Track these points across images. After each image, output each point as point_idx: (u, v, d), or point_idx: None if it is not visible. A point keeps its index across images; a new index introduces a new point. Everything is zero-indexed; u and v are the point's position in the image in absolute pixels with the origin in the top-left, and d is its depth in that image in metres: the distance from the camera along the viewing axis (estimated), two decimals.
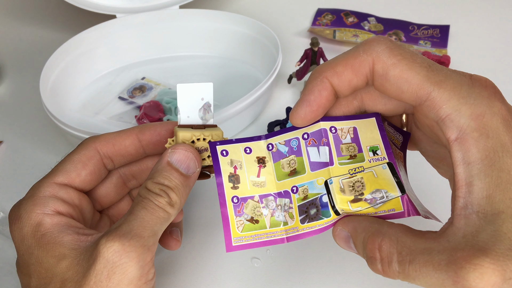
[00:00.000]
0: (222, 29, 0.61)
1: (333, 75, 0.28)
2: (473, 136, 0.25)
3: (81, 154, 0.33)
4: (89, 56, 0.58)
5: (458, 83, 0.26)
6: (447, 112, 0.25)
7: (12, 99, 0.59)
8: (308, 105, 0.29)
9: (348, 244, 0.29)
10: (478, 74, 0.26)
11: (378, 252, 0.26)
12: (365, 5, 0.71)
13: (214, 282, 0.40)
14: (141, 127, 0.34)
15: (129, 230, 0.28)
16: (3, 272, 0.40)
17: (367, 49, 0.27)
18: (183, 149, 0.31)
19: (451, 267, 0.23)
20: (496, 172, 0.24)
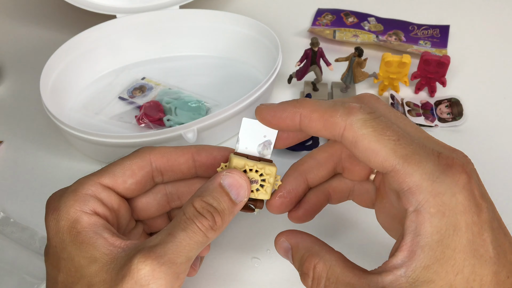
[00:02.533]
0: (222, 29, 0.61)
1: (306, 117, 0.29)
2: (430, 212, 0.26)
3: (133, 161, 0.33)
4: (89, 56, 0.58)
5: (424, 158, 0.27)
6: (409, 186, 0.27)
7: (12, 99, 0.59)
8: (271, 115, 0.30)
9: (286, 255, 0.32)
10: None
11: (312, 271, 0.29)
12: (365, 5, 0.71)
13: (214, 282, 0.40)
14: (198, 147, 0.34)
15: (163, 254, 0.28)
16: (3, 272, 0.40)
17: (344, 114, 0.28)
18: (237, 175, 0.31)
19: None
20: (441, 247, 0.26)
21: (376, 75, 0.55)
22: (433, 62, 0.54)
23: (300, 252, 0.30)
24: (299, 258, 0.30)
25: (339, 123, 0.28)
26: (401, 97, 0.56)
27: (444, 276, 0.26)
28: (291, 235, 0.32)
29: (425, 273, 0.26)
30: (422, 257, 0.26)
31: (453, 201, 0.26)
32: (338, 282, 0.28)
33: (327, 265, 0.29)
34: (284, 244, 0.32)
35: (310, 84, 0.57)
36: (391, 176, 0.27)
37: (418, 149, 0.27)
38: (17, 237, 0.42)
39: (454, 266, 0.26)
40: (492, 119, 0.54)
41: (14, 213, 0.45)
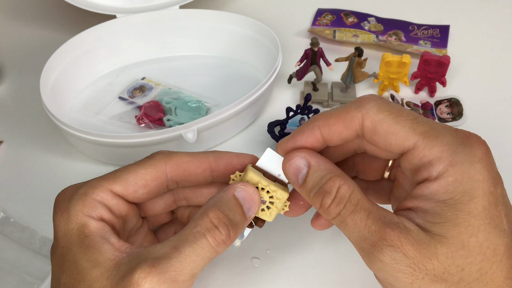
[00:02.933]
0: (222, 29, 0.61)
1: (324, 126, 0.30)
2: (447, 180, 0.27)
3: (147, 171, 0.32)
4: (89, 56, 0.58)
5: (442, 133, 0.28)
6: (429, 159, 0.28)
7: (12, 99, 0.59)
8: (293, 142, 0.31)
9: (296, 173, 0.30)
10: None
11: (335, 190, 0.29)
12: (365, 5, 0.71)
13: (214, 282, 0.40)
14: (216, 156, 0.33)
15: (165, 270, 0.27)
16: (3, 272, 0.40)
17: (358, 106, 0.29)
18: (251, 190, 0.31)
19: (378, 234, 0.27)
20: (453, 211, 0.26)
21: (376, 75, 0.55)
22: (433, 62, 0.54)
23: (321, 172, 0.30)
24: (319, 177, 0.29)
25: (356, 115, 0.29)
26: (401, 97, 0.56)
27: (456, 235, 0.26)
28: (311, 155, 0.31)
29: (437, 228, 0.26)
30: (434, 216, 0.27)
31: (472, 170, 0.27)
32: (359, 205, 0.28)
33: (351, 188, 0.29)
34: (300, 161, 0.30)
35: (310, 84, 0.57)
36: (412, 153, 0.28)
37: (434, 125, 0.29)
38: (17, 237, 0.42)
39: (468, 228, 0.26)
40: (492, 119, 0.54)
41: (14, 213, 0.45)
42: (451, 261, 0.26)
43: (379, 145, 0.29)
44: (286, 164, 0.31)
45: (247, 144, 0.52)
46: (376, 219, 0.27)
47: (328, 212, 0.29)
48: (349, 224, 0.28)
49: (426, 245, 0.26)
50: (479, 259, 0.26)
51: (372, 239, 0.27)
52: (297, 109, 0.48)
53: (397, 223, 0.27)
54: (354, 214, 0.28)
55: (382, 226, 0.27)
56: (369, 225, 0.27)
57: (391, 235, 0.26)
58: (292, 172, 0.31)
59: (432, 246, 0.26)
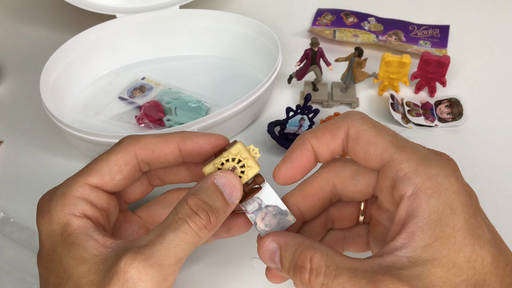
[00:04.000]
0: (222, 29, 0.61)
1: (313, 138, 0.32)
2: (426, 194, 0.27)
3: (118, 156, 0.32)
4: (89, 56, 0.58)
5: (417, 149, 0.29)
6: (405, 171, 0.28)
7: (12, 99, 0.59)
8: (290, 161, 0.32)
9: (272, 258, 0.30)
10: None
11: (309, 263, 0.28)
12: (365, 5, 0.71)
13: (214, 282, 0.40)
14: (183, 135, 0.34)
15: (151, 255, 0.27)
16: (3, 272, 0.40)
17: (344, 117, 0.31)
18: (230, 176, 0.31)
19: (369, 286, 0.26)
20: (440, 226, 0.26)
21: (376, 75, 0.55)
22: (433, 62, 0.54)
23: (291, 248, 0.29)
24: (291, 254, 0.29)
25: (342, 125, 0.31)
26: (401, 97, 0.56)
27: (446, 254, 0.26)
28: (278, 235, 0.31)
29: (426, 252, 0.26)
30: (421, 237, 0.26)
31: (447, 182, 0.27)
32: (339, 268, 0.27)
33: (324, 255, 0.28)
34: (270, 245, 0.31)
35: (310, 84, 0.57)
36: (388, 166, 0.29)
37: (410, 143, 0.30)
38: (17, 237, 0.42)
39: (455, 244, 0.26)
40: (492, 119, 0.54)
41: (14, 213, 0.45)
42: (447, 284, 0.25)
43: (359, 155, 0.30)
44: (261, 253, 0.31)
45: (247, 144, 0.51)
46: (363, 273, 0.26)
47: (311, 286, 0.28)
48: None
49: (420, 277, 0.25)
50: (471, 274, 0.26)
51: None
52: (297, 109, 0.48)
53: (386, 266, 0.26)
54: (338, 279, 0.27)
55: (372, 275, 0.26)
56: (358, 282, 0.26)
57: (384, 281, 0.25)
58: (268, 257, 0.31)
59: (426, 275, 0.26)
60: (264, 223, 0.33)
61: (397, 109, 0.54)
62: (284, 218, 0.33)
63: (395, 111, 0.53)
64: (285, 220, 0.33)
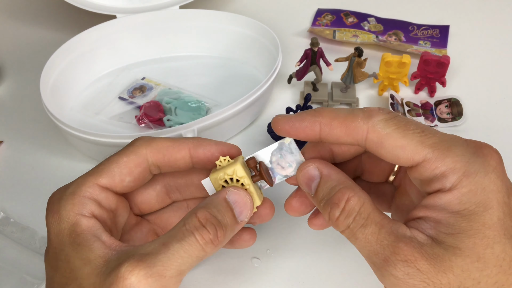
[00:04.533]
0: (222, 29, 0.61)
1: (326, 125, 0.29)
2: (461, 192, 0.27)
3: (129, 158, 0.32)
4: (89, 56, 0.58)
5: (453, 144, 0.28)
6: (441, 170, 0.27)
7: (12, 99, 0.59)
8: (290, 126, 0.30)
9: (309, 183, 0.30)
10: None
11: (344, 202, 0.28)
12: (365, 5, 0.71)
13: (214, 282, 0.40)
14: (195, 142, 0.33)
15: (153, 265, 0.27)
16: (3, 272, 0.40)
17: (365, 117, 0.29)
18: (243, 193, 0.31)
19: (390, 249, 0.26)
20: (468, 222, 0.26)
21: (376, 75, 0.55)
22: (433, 62, 0.54)
23: (332, 182, 0.29)
24: (329, 188, 0.29)
25: (361, 127, 0.28)
26: (401, 97, 0.56)
27: (471, 247, 0.25)
28: (323, 165, 0.30)
29: (451, 240, 0.26)
30: (447, 226, 0.26)
31: (486, 180, 0.26)
32: (369, 219, 0.27)
33: (361, 201, 0.28)
34: (313, 172, 0.30)
35: (310, 84, 0.57)
36: (423, 166, 0.27)
37: (443, 137, 0.28)
38: (17, 237, 0.42)
39: (483, 240, 0.26)
40: (492, 119, 0.54)
41: (14, 213, 0.45)
42: (467, 274, 0.25)
43: (386, 158, 0.29)
44: (299, 174, 0.31)
45: (247, 144, 0.52)
46: (388, 233, 0.27)
47: (337, 224, 0.29)
48: (360, 238, 0.28)
49: (440, 259, 0.25)
50: (495, 271, 0.25)
51: (384, 253, 0.26)
52: (297, 109, 0.48)
53: (410, 237, 0.26)
54: (364, 228, 0.27)
55: (395, 240, 0.26)
56: (381, 240, 0.27)
57: (404, 250, 0.26)
58: (305, 182, 0.31)
59: (447, 259, 0.25)
60: (286, 166, 0.32)
61: (397, 109, 0.54)
62: (287, 147, 0.32)
63: (395, 111, 0.53)
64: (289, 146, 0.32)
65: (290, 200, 0.33)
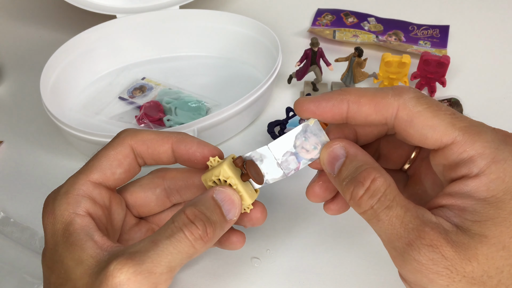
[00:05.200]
0: (222, 29, 0.61)
1: (354, 103, 0.29)
2: (489, 178, 0.26)
3: (117, 150, 0.33)
4: (89, 56, 0.58)
5: (483, 130, 0.27)
6: (470, 154, 0.26)
7: (12, 99, 0.59)
8: (316, 106, 0.30)
9: (333, 162, 0.30)
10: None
11: (369, 182, 0.27)
12: (365, 5, 0.71)
13: (214, 282, 0.40)
14: (179, 137, 0.33)
15: (142, 262, 0.27)
16: (3, 272, 0.40)
17: (396, 94, 0.28)
18: (230, 192, 0.31)
19: (415, 233, 0.26)
20: (495, 209, 0.26)
21: (376, 75, 0.55)
22: (433, 62, 0.54)
23: (358, 162, 0.29)
24: (354, 167, 0.28)
25: (392, 103, 0.28)
26: None
27: (498, 235, 0.25)
28: (350, 144, 0.30)
29: (477, 227, 0.25)
30: (474, 214, 0.26)
31: None
32: (395, 201, 0.27)
33: (387, 182, 0.27)
34: (339, 151, 0.30)
35: (310, 84, 0.57)
36: (450, 148, 0.27)
37: (474, 122, 0.28)
38: (17, 237, 0.42)
39: (510, 228, 0.25)
40: (492, 119, 0.54)
41: (14, 213, 0.45)
42: (491, 262, 0.25)
43: (413, 138, 0.28)
44: (325, 152, 0.30)
45: (247, 144, 0.52)
46: (414, 217, 0.26)
47: (359, 204, 0.28)
48: (383, 220, 0.27)
49: (465, 246, 0.25)
50: None
51: (408, 237, 0.26)
52: None
53: (436, 223, 0.26)
54: (389, 210, 0.27)
55: (421, 224, 0.26)
56: (406, 223, 0.26)
57: (431, 235, 0.25)
58: (329, 160, 0.30)
59: (472, 247, 0.25)
60: (311, 149, 0.31)
61: None
62: (311, 129, 0.31)
63: None
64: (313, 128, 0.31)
65: (313, 186, 0.32)
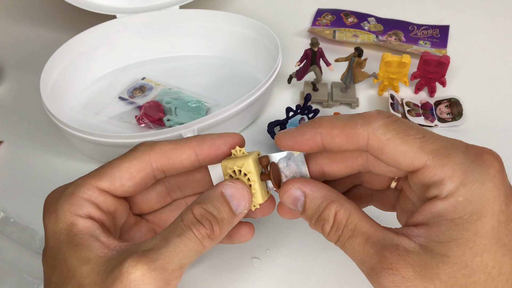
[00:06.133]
0: (222, 29, 0.61)
1: (327, 135, 0.30)
2: (457, 200, 0.27)
3: (131, 164, 0.32)
4: (89, 56, 0.58)
5: (453, 151, 0.27)
6: (440, 177, 0.27)
7: (12, 99, 0.59)
8: (292, 141, 0.31)
9: (295, 203, 0.31)
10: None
11: (333, 217, 0.29)
12: (365, 5, 0.71)
13: (214, 282, 0.40)
14: (198, 139, 0.33)
15: (155, 259, 0.27)
16: (3, 272, 0.40)
17: (365, 123, 0.29)
18: (240, 186, 0.31)
19: (375, 258, 0.27)
20: (460, 230, 0.26)
21: (376, 75, 0.55)
22: (433, 62, 0.54)
23: (317, 200, 0.30)
24: (316, 205, 0.30)
25: (362, 134, 0.29)
26: (401, 97, 0.56)
27: (460, 255, 0.26)
28: (305, 183, 0.31)
29: (439, 247, 0.26)
30: (438, 234, 0.27)
31: (483, 189, 0.26)
32: (356, 230, 0.28)
33: (347, 212, 0.29)
34: (295, 192, 0.31)
35: (310, 84, 0.57)
36: (422, 172, 0.28)
37: (444, 143, 0.28)
38: (17, 237, 0.42)
39: (472, 249, 0.26)
40: (492, 119, 0.54)
41: (14, 213, 0.45)
42: (453, 280, 0.26)
43: (387, 163, 0.29)
44: (283, 196, 0.31)
45: (247, 144, 0.51)
46: (374, 243, 0.28)
47: (329, 238, 0.30)
48: (348, 249, 0.29)
49: (427, 266, 0.26)
50: (483, 278, 0.26)
51: (370, 262, 0.27)
52: (297, 109, 0.48)
53: (396, 245, 0.27)
54: (352, 239, 0.28)
55: (381, 249, 0.27)
56: (367, 250, 0.28)
57: (389, 258, 0.26)
58: (290, 202, 0.31)
59: (434, 266, 0.26)
60: (289, 176, 0.33)
61: (397, 109, 0.54)
62: (295, 158, 0.33)
63: (395, 111, 0.53)
64: (297, 158, 0.32)
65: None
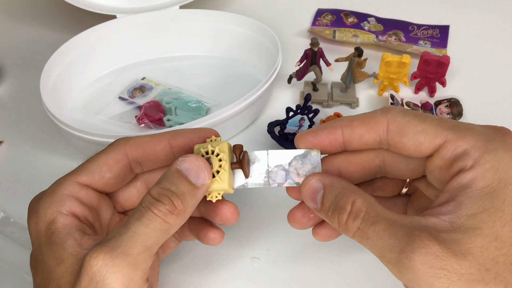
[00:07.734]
0: (222, 29, 0.61)
1: (347, 126, 0.31)
2: (484, 167, 0.27)
3: (109, 156, 0.33)
4: (89, 56, 0.58)
5: (471, 126, 0.29)
6: (463, 148, 0.28)
7: (12, 99, 0.59)
8: (313, 136, 0.32)
9: (314, 196, 0.30)
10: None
11: (350, 205, 0.28)
12: (365, 5, 0.71)
13: (214, 282, 0.40)
14: (173, 133, 0.34)
15: (117, 246, 0.27)
16: (3, 272, 0.40)
17: (383, 112, 0.30)
18: (193, 158, 0.30)
19: (405, 239, 0.26)
20: (491, 199, 0.26)
21: (376, 75, 0.55)
22: (433, 62, 0.54)
23: (336, 190, 0.29)
24: (334, 195, 0.29)
25: (381, 120, 0.30)
26: (401, 97, 0.56)
27: (491, 225, 0.25)
28: (324, 176, 0.31)
29: (471, 221, 0.26)
30: (469, 207, 0.26)
31: (507, 156, 0.27)
32: (378, 217, 0.27)
33: (367, 201, 0.28)
34: (316, 184, 0.30)
35: (310, 84, 0.57)
36: (444, 147, 0.28)
37: (461, 122, 0.29)
38: (17, 237, 0.42)
39: (502, 218, 0.26)
40: (492, 119, 0.54)
41: (14, 213, 0.45)
42: (486, 254, 0.25)
43: (407, 147, 0.29)
44: (303, 189, 0.31)
45: (247, 144, 0.52)
46: (401, 226, 0.26)
47: (346, 228, 0.28)
48: (372, 237, 0.27)
49: (458, 242, 0.25)
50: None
51: (399, 245, 0.26)
52: (297, 109, 0.48)
53: (425, 225, 0.26)
54: (375, 226, 0.27)
55: (410, 229, 0.26)
56: (394, 233, 0.26)
57: (421, 237, 0.25)
58: (309, 195, 0.31)
59: (466, 241, 0.25)
60: (302, 174, 0.32)
61: None
62: (311, 157, 0.32)
63: None
64: (313, 158, 0.32)
65: (294, 212, 0.33)
